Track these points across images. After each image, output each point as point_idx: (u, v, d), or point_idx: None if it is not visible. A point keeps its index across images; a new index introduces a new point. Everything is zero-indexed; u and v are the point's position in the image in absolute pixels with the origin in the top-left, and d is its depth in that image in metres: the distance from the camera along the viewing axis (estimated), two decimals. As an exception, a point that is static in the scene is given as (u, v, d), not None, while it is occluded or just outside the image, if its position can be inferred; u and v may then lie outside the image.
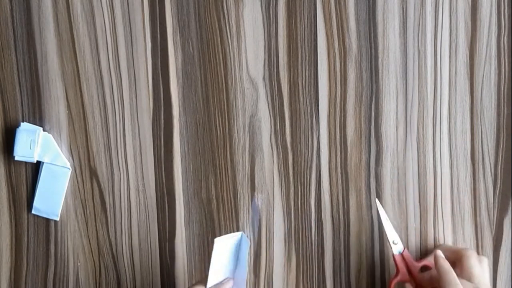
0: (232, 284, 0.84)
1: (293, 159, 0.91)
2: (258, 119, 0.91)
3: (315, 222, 0.92)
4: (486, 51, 0.90)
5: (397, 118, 0.91)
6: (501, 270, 0.93)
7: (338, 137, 0.91)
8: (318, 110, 0.91)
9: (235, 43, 0.90)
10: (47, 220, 0.92)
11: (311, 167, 0.91)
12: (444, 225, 0.92)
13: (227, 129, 0.91)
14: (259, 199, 0.91)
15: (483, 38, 0.90)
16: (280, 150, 0.91)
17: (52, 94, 0.90)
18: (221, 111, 0.91)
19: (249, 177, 0.91)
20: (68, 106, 0.90)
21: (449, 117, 0.91)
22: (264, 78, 0.90)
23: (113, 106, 0.90)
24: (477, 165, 0.92)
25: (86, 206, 0.92)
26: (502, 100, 0.91)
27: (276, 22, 0.89)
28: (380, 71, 0.90)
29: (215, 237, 0.85)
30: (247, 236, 0.91)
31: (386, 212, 0.91)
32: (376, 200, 0.90)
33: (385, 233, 0.88)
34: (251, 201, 0.91)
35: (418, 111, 0.91)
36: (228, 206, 0.92)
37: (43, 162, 0.90)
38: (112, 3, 0.89)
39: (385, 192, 0.92)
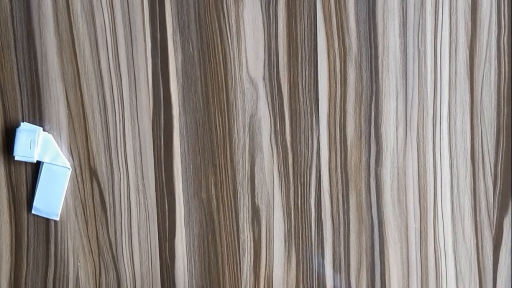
0: None
1: (293, 159, 0.91)
2: (258, 119, 0.91)
3: (315, 222, 0.92)
4: (486, 51, 0.90)
5: (397, 118, 0.91)
6: (501, 270, 0.93)
7: (338, 137, 0.91)
8: (318, 110, 0.91)
9: (235, 43, 0.90)
10: (47, 220, 0.92)
11: (311, 167, 0.91)
12: (444, 225, 0.92)
13: (227, 129, 0.91)
14: None
15: (483, 38, 0.90)
16: (280, 150, 0.91)
17: (52, 94, 0.90)
18: (221, 111, 0.91)
19: (249, 177, 0.91)
20: (68, 106, 0.90)
21: (449, 117, 0.91)
22: (264, 78, 0.90)
23: (113, 106, 0.90)
24: (477, 165, 0.92)
25: (86, 206, 0.92)
26: (502, 100, 0.91)
27: (276, 22, 0.89)
28: (380, 71, 0.90)
29: (215, 237, 0.85)
30: None
31: (386, 212, 0.92)
32: None
33: None
34: None
35: (418, 111, 0.91)
36: (228, 206, 0.92)
37: (43, 162, 0.90)
38: (112, 3, 0.89)
39: (385, 192, 0.92)
